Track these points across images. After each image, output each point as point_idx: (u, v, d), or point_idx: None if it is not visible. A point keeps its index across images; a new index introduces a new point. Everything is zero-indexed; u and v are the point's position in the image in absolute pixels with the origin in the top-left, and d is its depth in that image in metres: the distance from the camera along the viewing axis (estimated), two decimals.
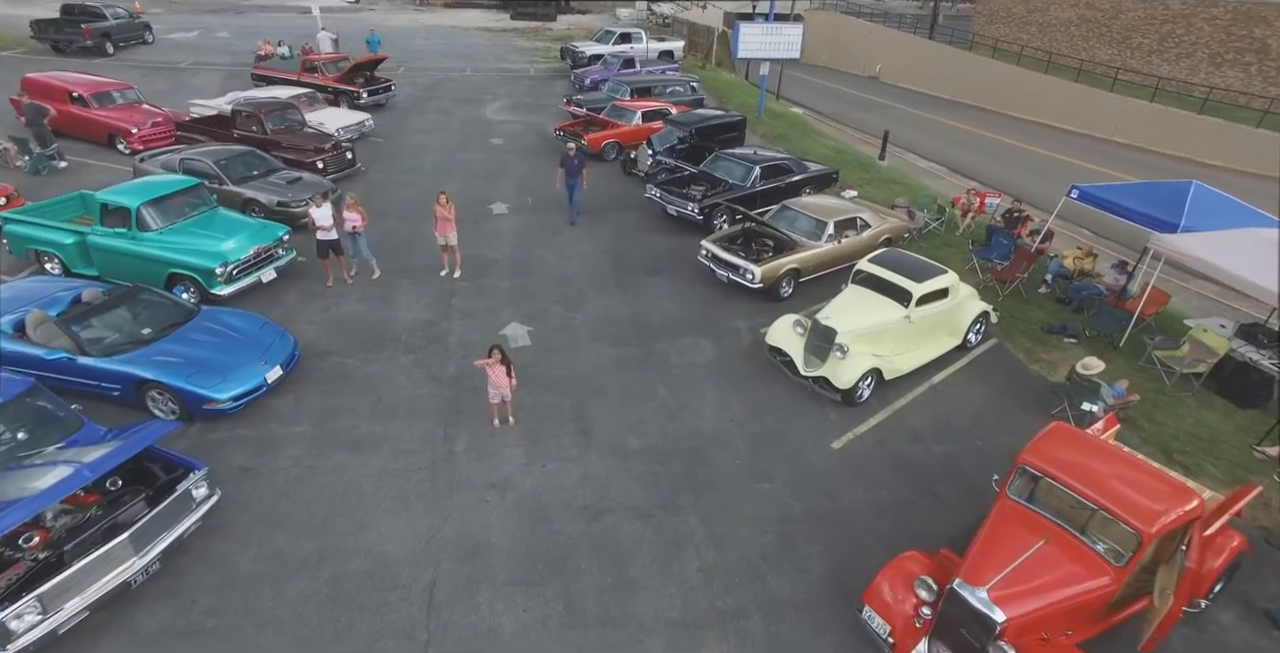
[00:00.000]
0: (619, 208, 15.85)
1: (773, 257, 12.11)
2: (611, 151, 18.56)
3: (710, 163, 15.37)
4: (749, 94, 26.57)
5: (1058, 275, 12.48)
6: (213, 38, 31.36)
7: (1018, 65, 30.89)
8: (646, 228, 14.91)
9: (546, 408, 9.36)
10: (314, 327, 10.90)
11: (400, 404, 9.31)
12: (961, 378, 10.36)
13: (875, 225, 13.12)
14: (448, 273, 12.63)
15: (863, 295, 10.26)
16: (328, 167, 16.05)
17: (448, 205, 11.96)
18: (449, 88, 25.78)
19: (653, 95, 21.33)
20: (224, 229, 11.40)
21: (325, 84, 21.55)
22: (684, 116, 17.54)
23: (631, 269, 13.12)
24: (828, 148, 20.96)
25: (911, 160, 22.71)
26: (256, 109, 16.20)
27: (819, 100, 30.18)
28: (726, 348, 10.84)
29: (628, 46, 27.66)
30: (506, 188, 16.71)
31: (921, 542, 7.14)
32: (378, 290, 12.02)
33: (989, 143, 25.36)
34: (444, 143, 19.78)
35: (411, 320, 11.19)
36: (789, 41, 21.85)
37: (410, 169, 17.68)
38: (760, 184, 14.78)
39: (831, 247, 12.43)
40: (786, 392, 9.89)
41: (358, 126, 19.15)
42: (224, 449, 8.31)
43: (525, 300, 11.90)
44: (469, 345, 10.56)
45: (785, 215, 12.95)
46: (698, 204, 14.04)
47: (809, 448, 8.86)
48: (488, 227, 14.65)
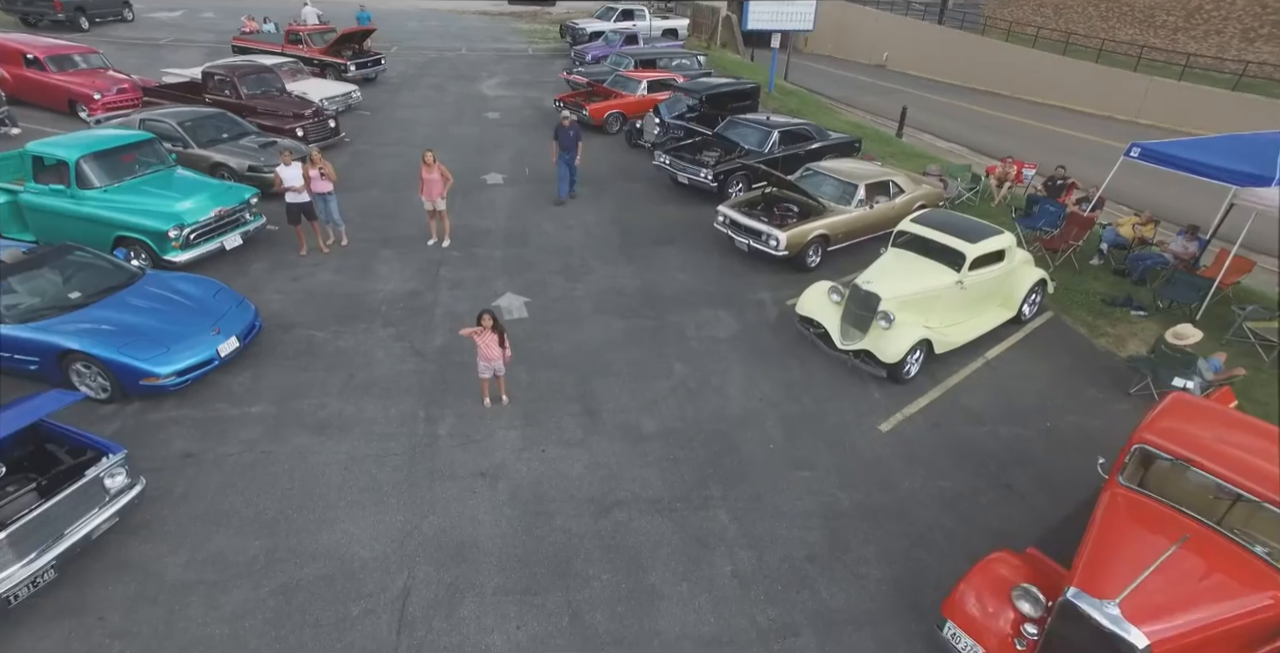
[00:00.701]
0: (625, 179, 14.51)
1: (799, 222, 10.80)
2: (615, 123, 17.23)
3: (724, 127, 14.06)
4: (756, 74, 25.21)
5: (1114, 245, 11.17)
6: (197, 17, 29.97)
7: (1034, 48, 29.62)
8: (655, 198, 13.58)
9: (546, 386, 8.03)
10: (282, 297, 9.56)
11: (376, 381, 7.97)
12: (1019, 353, 9.03)
13: (909, 191, 11.80)
14: (435, 242, 11.29)
15: (907, 259, 8.93)
16: (308, 134, 14.69)
17: (434, 165, 10.64)
18: (443, 66, 24.44)
19: (657, 67, 20.01)
20: (181, 189, 10.06)
21: (311, 56, 20.21)
22: (694, 83, 16.23)
23: (640, 239, 11.79)
24: (844, 122, 19.65)
25: (929, 140, 21.39)
26: (230, 72, 14.85)
27: (826, 86, 28.82)
28: (750, 321, 9.51)
29: (630, 23, 26.34)
30: (502, 159, 15.37)
31: (1002, 541, 5.82)
32: (357, 260, 10.67)
33: (1008, 124, 24.04)
34: (436, 117, 18.45)
35: (393, 291, 9.85)
36: (802, 12, 20.56)
37: (398, 141, 16.33)
38: (779, 150, 13.46)
39: (862, 212, 11.10)
40: (823, 367, 8.56)
41: (344, 98, 17.80)
42: (163, 433, 6.96)
43: (521, 271, 10.57)
44: (457, 317, 9.23)
45: (811, 179, 11.63)
46: (711, 170, 12.71)
47: (853, 431, 7.53)
48: (481, 197, 13.31)
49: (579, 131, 12.66)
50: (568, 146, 12.63)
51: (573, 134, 12.53)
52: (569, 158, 12.75)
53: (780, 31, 20.86)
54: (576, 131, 12.59)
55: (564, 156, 12.74)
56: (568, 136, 12.54)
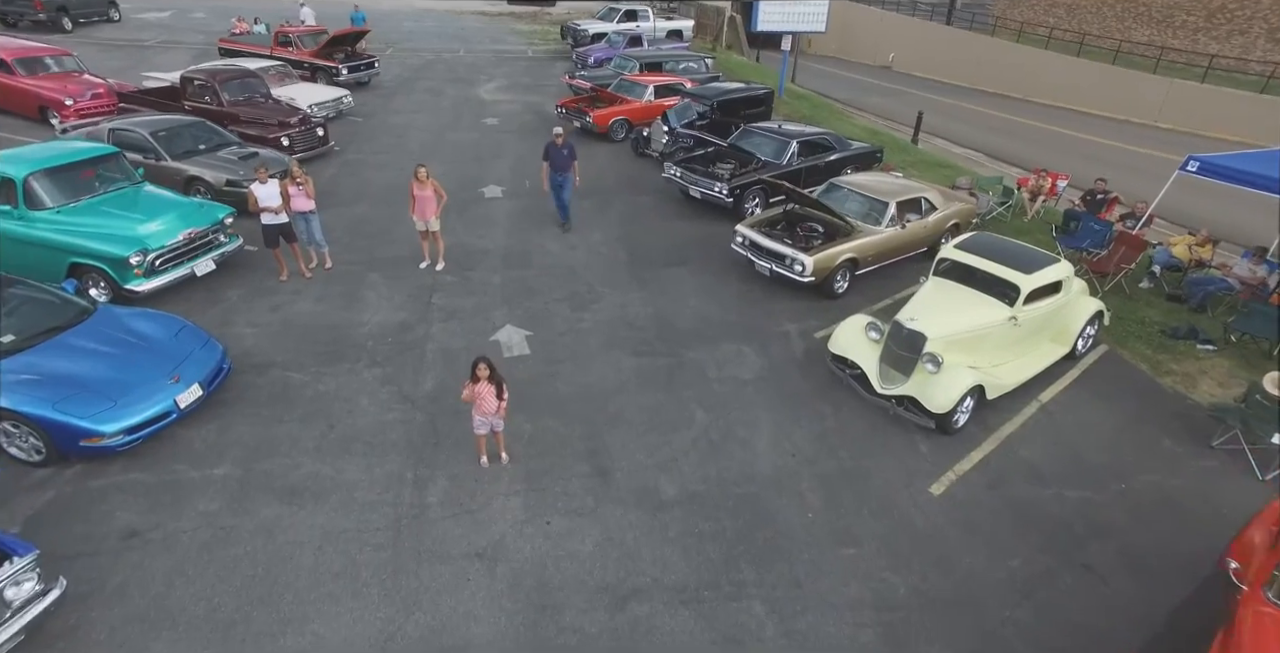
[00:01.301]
0: (631, 191, 13.50)
1: (824, 244, 9.81)
2: (620, 130, 16.22)
3: (739, 137, 13.05)
4: (764, 77, 24.20)
5: (1166, 267, 10.19)
6: (187, 17, 28.86)
7: (1046, 49, 28.65)
8: (665, 213, 12.57)
9: (551, 439, 7.04)
10: (257, 331, 8.55)
11: (358, 434, 6.97)
12: (1076, 395, 8.05)
13: (941, 208, 10.81)
14: (428, 265, 10.29)
15: (952, 291, 7.95)
16: (294, 144, 13.68)
17: (427, 182, 9.63)
18: (440, 68, 23.40)
19: (663, 71, 18.99)
20: (147, 209, 9.04)
21: (300, 59, 19.15)
22: (704, 89, 15.22)
23: (650, 260, 10.79)
24: (858, 128, 18.66)
25: (943, 146, 20.43)
26: (210, 77, 13.81)
27: (832, 88, 27.79)
28: (776, 357, 8.52)
29: (633, 24, 25.29)
30: (501, 170, 14.35)
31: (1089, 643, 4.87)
32: (342, 286, 9.67)
33: (1024, 128, 23.08)
34: (432, 122, 17.41)
35: (381, 323, 8.85)
36: (814, 13, 19.54)
37: (391, 149, 15.31)
38: (798, 162, 12.46)
39: (893, 232, 10.11)
40: (860, 415, 7.57)
41: (334, 103, 16.77)
42: (106, 503, 5.96)
43: (522, 298, 9.57)
44: (451, 355, 8.23)
45: (835, 195, 10.63)
46: (727, 185, 11.71)
47: (901, 495, 6.55)
48: (478, 212, 12.29)
49: (574, 150, 11.13)
50: (561, 167, 11.05)
51: (566, 152, 10.95)
52: (563, 180, 11.19)
53: (791, 33, 19.83)
54: (571, 150, 11.03)
55: (556, 179, 11.17)
56: (560, 155, 10.97)
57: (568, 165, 11.06)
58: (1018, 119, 24.37)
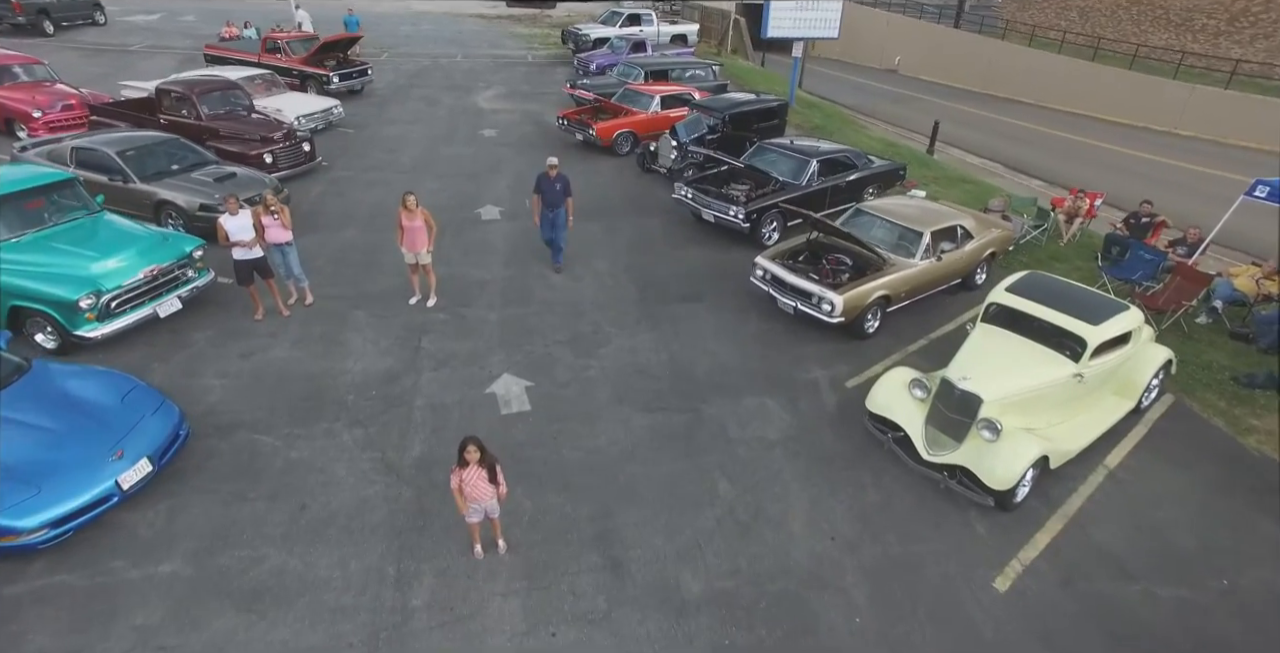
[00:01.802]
0: (639, 212, 12.50)
1: (854, 280, 8.84)
2: (625, 143, 15.22)
3: (753, 155, 12.06)
4: (771, 82, 23.24)
5: (1228, 301, 9.23)
6: (176, 21, 27.78)
7: (1059, 53, 27.63)
8: (676, 237, 11.57)
9: (554, 521, 6.06)
10: (225, 383, 7.56)
11: (334, 515, 6.00)
12: (1147, 459, 7.07)
13: (978, 235, 9.83)
14: (419, 301, 9.30)
15: (1006, 342, 6.98)
16: (278, 160, 12.68)
17: (416, 211, 8.64)
18: (436, 75, 22.37)
19: (669, 79, 18.00)
20: (103, 243, 8.05)
21: (289, 66, 18.13)
22: (715, 101, 14.22)
23: (662, 293, 9.80)
24: (874, 140, 17.66)
25: (959, 156, 19.43)
26: (188, 89, 12.78)
27: (839, 93, 26.76)
28: (805, 412, 7.54)
29: (637, 29, 24.26)
30: (499, 188, 13.35)
31: None
32: (322, 326, 8.68)
33: (1040, 136, 22.07)
34: (427, 134, 16.40)
35: (364, 372, 7.86)
36: (826, 18, 18.51)
37: (383, 165, 14.30)
38: (817, 182, 11.48)
39: (928, 265, 9.13)
40: (905, 486, 6.60)
41: (323, 115, 15.76)
42: (18, 621, 4.94)
43: (522, 340, 8.58)
44: (442, 413, 7.25)
45: (862, 222, 9.65)
46: (743, 208, 10.72)
47: (961, 591, 5.58)
48: (474, 237, 11.29)
49: (569, 184, 9.75)
50: (553, 202, 9.74)
51: (559, 186, 9.65)
52: (555, 217, 9.85)
53: (802, 40, 18.82)
54: (565, 184, 9.70)
55: (548, 215, 9.84)
56: (553, 189, 9.64)
57: (560, 200, 9.75)
58: (1033, 126, 23.38)
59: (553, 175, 9.61)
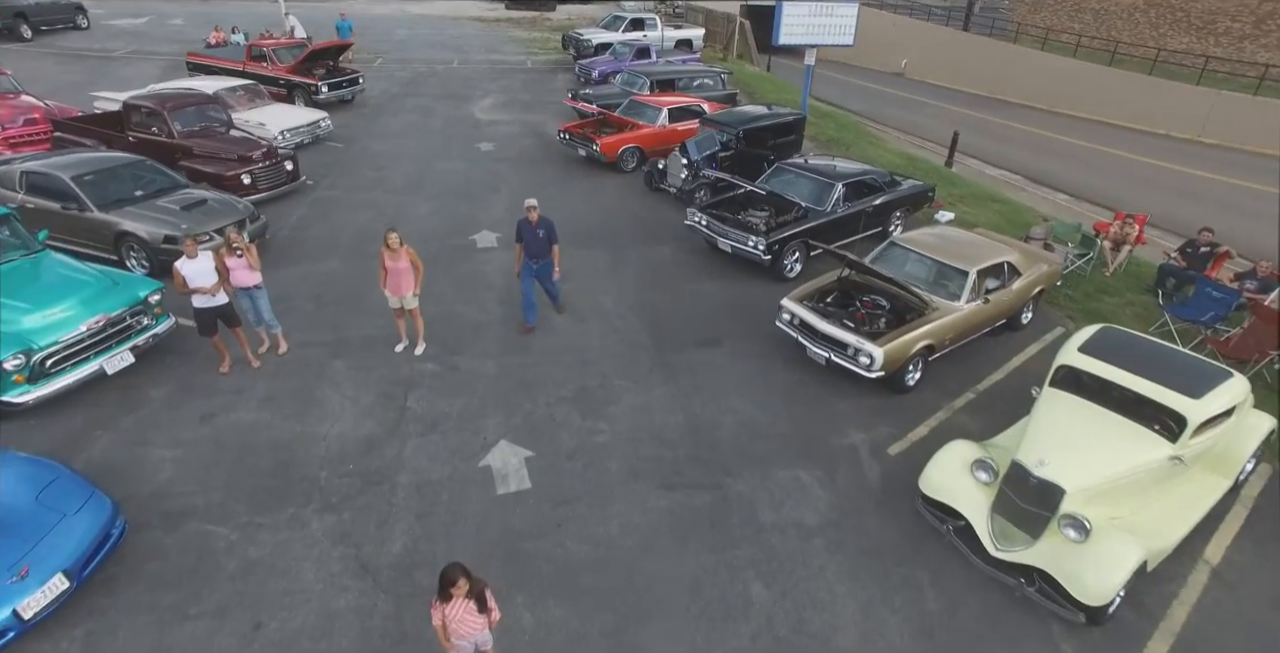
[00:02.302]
0: (648, 238, 11.44)
1: (892, 327, 7.81)
2: (631, 160, 14.16)
3: (772, 177, 11.00)
4: (781, 90, 22.16)
5: None
6: (164, 24, 26.66)
7: (1074, 58, 26.56)
8: (689, 269, 10.50)
9: (561, 640, 5.02)
10: (179, 454, 6.51)
11: (296, 636, 4.95)
12: (1255, 552, 5.99)
13: (1025, 271, 8.78)
14: (406, 348, 8.26)
15: (1084, 416, 5.94)
16: (258, 182, 11.62)
17: (400, 250, 7.59)
18: (432, 82, 21.26)
19: (676, 89, 16.92)
20: (40, 290, 7.00)
21: (275, 75, 17.05)
22: (727, 115, 13.16)
23: (676, 337, 8.75)
24: (893, 154, 16.60)
25: (977, 167, 18.37)
26: (159, 104, 11.70)
27: (846, 97, 25.71)
28: (844, 488, 6.51)
29: (640, 34, 23.14)
30: (497, 209, 12.29)
31: None
32: (296, 380, 7.62)
33: (1060, 146, 21.01)
34: (420, 149, 15.32)
35: (341, 439, 6.82)
36: (842, 24, 17.36)
37: (372, 184, 13.23)
38: (843, 208, 10.43)
39: (974, 307, 8.09)
40: (968, 587, 5.57)
41: (310, 128, 14.69)
42: None
43: (521, 398, 7.53)
44: (428, 492, 6.21)
45: (896, 257, 8.61)
46: (764, 239, 9.66)
47: None
48: (468, 269, 10.23)
49: (553, 230, 8.29)
50: (536, 251, 8.30)
51: (543, 233, 8.21)
52: (539, 268, 8.44)
53: (815, 47, 17.72)
54: (549, 230, 8.24)
55: (530, 266, 8.41)
56: (535, 237, 8.21)
57: (545, 250, 8.34)
58: (1051, 134, 22.32)
59: (534, 220, 8.15)
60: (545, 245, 8.31)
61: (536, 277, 8.53)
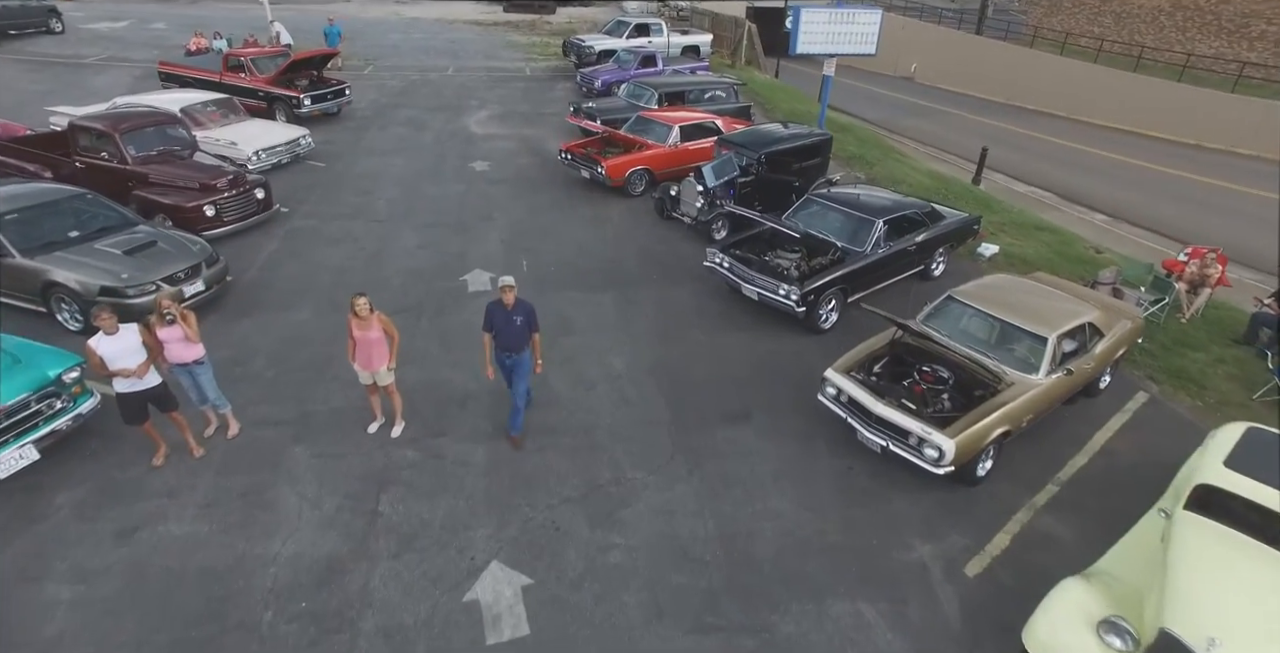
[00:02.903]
0: (661, 278, 10.04)
1: (958, 404, 6.47)
2: (640, 183, 12.76)
3: (799, 212, 9.62)
4: (795, 100, 20.77)
5: None
6: (145, 29, 25.12)
7: (1095, 63, 25.16)
8: (709, 317, 9.11)
9: None
10: (79, 594, 5.11)
11: None
12: None
13: (1108, 331, 7.41)
14: (380, 428, 6.89)
15: (1250, 560, 4.58)
16: (223, 213, 10.23)
17: (371, 318, 6.21)
18: (425, 92, 19.81)
19: (686, 103, 15.52)
20: None
21: (254, 87, 15.61)
22: (747, 136, 11.74)
23: (699, 408, 7.37)
24: (921, 173, 15.21)
25: (1003, 182, 17.01)
26: (109, 126, 10.27)
27: (856, 104, 24.30)
28: (918, 631, 5.14)
29: (645, 40, 21.68)
30: (491, 243, 10.88)
31: None
32: (245, 475, 6.24)
33: (1088, 158, 19.63)
34: (409, 169, 13.90)
35: (294, 562, 5.44)
36: (864, 32, 15.93)
37: (354, 211, 11.82)
38: (884, 247, 9.06)
39: (1054, 381, 6.72)
40: None
41: (288, 147, 13.27)
42: None
43: (518, 497, 6.15)
44: (401, 643, 4.84)
45: (951, 314, 7.26)
46: (798, 289, 8.27)
47: None
48: (458, 319, 8.82)
49: (533, 315, 6.38)
50: (512, 342, 6.35)
51: (520, 321, 6.28)
52: (515, 363, 6.48)
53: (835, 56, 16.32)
54: (529, 316, 6.33)
55: (505, 359, 6.49)
56: (510, 325, 6.27)
57: (522, 341, 6.38)
58: (1076, 145, 20.93)
59: (510, 303, 6.19)
60: (523, 335, 6.36)
61: (510, 373, 6.52)
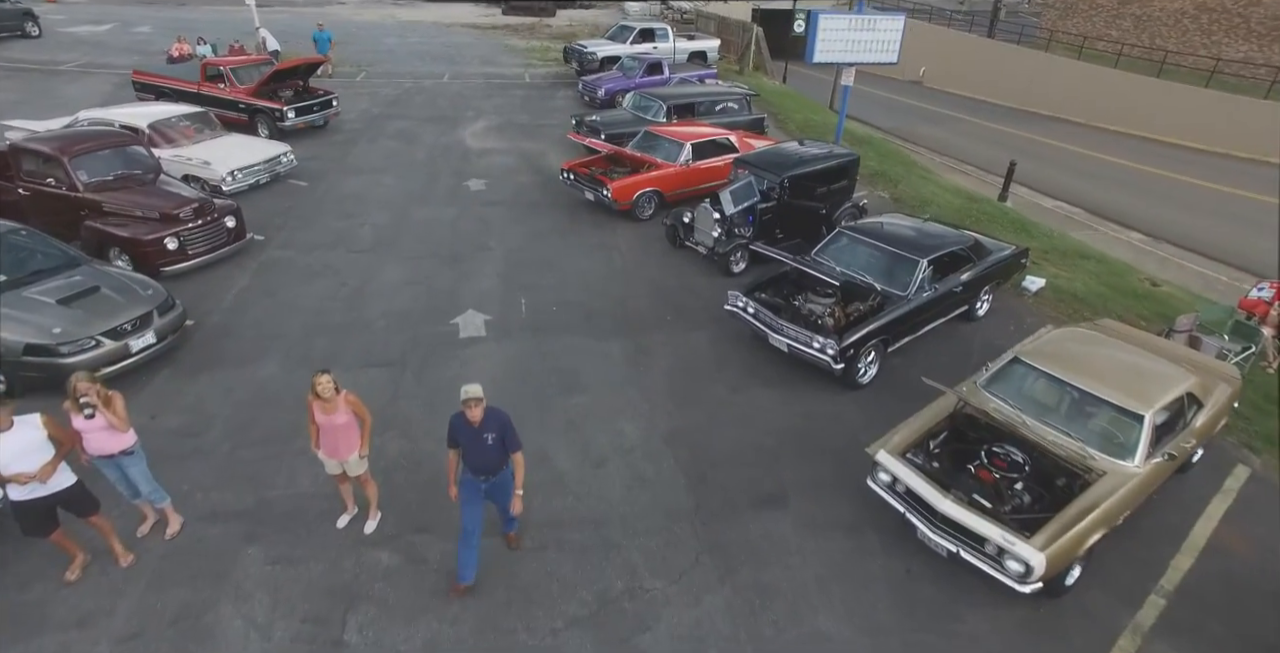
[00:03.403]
0: (677, 318, 8.88)
1: (1039, 502, 5.36)
2: (649, 206, 11.60)
3: (830, 247, 8.46)
4: (809, 110, 19.61)
5: None
6: (128, 33, 23.86)
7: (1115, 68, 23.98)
8: (731, 367, 7.94)
9: None
10: None
11: None
12: None
13: (1206, 399, 6.26)
14: (352, 521, 5.74)
15: None
16: (188, 246, 9.09)
17: (336, 401, 5.06)
18: (419, 101, 18.60)
19: (696, 115, 14.35)
20: None
21: (235, 98, 14.43)
22: (767, 157, 10.54)
23: (726, 489, 6.21)
24: (947, 191, 14.04)
25: (1027, 196, 15.83)
26: (58, 149, 9.07)
27: (866, 110, 23.09)
28: None
29: (651, 46, 20.47)
30: (486, 278, 9.72)
31: None
32: (184, 589, 5.08)
33: (1114, 169, 18.46)
34: (398, 189, 12.71)
35: None
36: (885, 40, 14.83)
37: (336, 239, 10.65)
38: (929, 289, 7.91)
39: (1153, 468, 5.58)
40: None
41: (267, 166, 12.09)
42: None
43: (512, 616, 5.00)
44: None
45: (1018, 379, 6.13)
46: (836, 342, 7.13)
47: None
48: (448, 375, 7.64)
49: (508, 427, 4.84)
50: (484, 464, 4.88)
51: (492, 439, 4.79)
52: (489, 486, 4.98)
53: (854, 65, 15.16)
54: (504, 429, 4.82)
55: (476, 485, 4.96)
56: (479, 444, 4.79)
57: (497, 462, 4.89)
58: (1100, 155, 19.78)
59: (476, 419, 4.68)
60: (497, 456, 4.87)
61: (488, 498, 5.05)
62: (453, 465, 5.02)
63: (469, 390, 4.67)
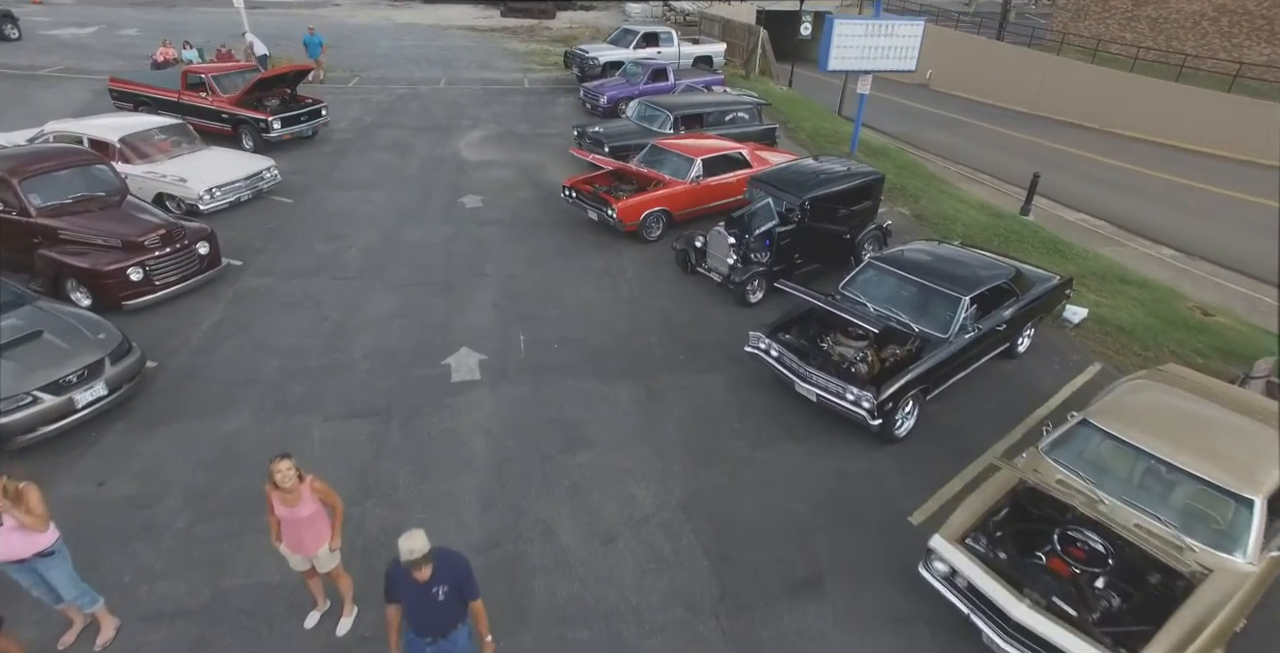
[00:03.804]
0: (690, 357, 8.00)
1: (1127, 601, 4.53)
2: (656, 226, 10.73)
3: (858, 278, 7.60)
4: (815, 115, 18.75)
5: None
6: (114, 36, 22.90)
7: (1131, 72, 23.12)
8: (754, 418, 7.07)
9: None
10: None
11: None
12: None
13: None
14: (323, 619, 4.90)
15: None
16: (153, 276, 8.23)
17: (297, 491, 4.22)
18: (413, 108, 17.71)
19: (705, 125, 13.48)
20: None
21: (217, 108, 13.54)
22: (786, 175, 9.65)
23: (755, 573, 5.36)
24: (971, 207, 13.17)
25: (1048, 208, 14.95)
26: (8, 169, 8.16)
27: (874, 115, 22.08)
28: None
29: (655, 51, 19.55)
30: (481, 309, 8.85)
31: None
32: None
33: (1137, 178, 17.60)
34: (389, 206, 11.83)
35: None
36: (903, 46, 13.97)
37: (319, 264, 9.78)
38: (971, 329, 7.05)
39: (1269, 564, 4.69)
40: None
41: (249, 183, 11.21)
42: None
43: None
44: None
45: (1088, 448, 5.29)
46: (874, 395, 6.28)
47: None
48: (438, 428, 6.77)
49: (464, 575, 3.77)
50: (432, 624, 3.79)
51: (442, 593, 3.68)
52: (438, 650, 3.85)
53: (871, 73, 14.30)
54: (459, 579, 3.75)
55: (421, 647, 3.86)
56: (426, 599, 3.69)
57: (449, 621, 3.82)
58: (1119, 163, 18.90)
59: (422, 577, 3.58)
60: (450, 613, 3.80)
61: None
62: (393, 625, 3.89)
63: (412, 549, 3.47)
